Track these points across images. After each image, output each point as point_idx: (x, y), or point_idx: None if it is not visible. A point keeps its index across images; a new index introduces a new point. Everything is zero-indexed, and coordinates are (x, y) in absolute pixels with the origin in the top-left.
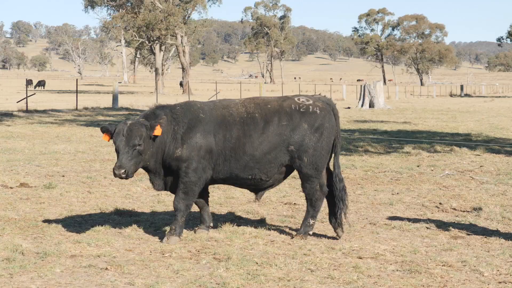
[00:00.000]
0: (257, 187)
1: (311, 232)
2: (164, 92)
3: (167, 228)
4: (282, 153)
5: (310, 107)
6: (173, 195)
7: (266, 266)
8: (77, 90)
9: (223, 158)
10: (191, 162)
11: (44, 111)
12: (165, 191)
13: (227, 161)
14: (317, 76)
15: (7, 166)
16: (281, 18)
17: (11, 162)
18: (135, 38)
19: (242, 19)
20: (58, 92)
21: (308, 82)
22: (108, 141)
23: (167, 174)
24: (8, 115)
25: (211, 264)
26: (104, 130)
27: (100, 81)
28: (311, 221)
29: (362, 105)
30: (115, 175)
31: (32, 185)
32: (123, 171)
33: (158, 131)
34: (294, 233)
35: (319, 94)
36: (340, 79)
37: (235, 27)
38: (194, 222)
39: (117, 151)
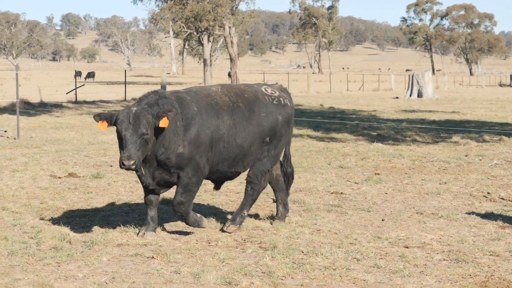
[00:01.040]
0: (228, 180)
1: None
2: (212, 83)
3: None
4: (259, 144)
5: (281, 99)
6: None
7: (312, 255)
8: (125, 81)
9: (217, 151)
10: (193, 160)
11: (93, 102)
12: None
13: (218, 155)
14: (365, 66)
15: (56, 157)
16: (329, 8)
17: (60, 153)
18: (183, 29)
19: (290, 9)
20: (107, 84)
21: (356, 72)
22: (105, 129)
23: (157, 169)
24: (58, 106)
25: (257, 253)
26: (103, 117)
27: (149, 72)
28: (246, 213)
29: (410, 95)
30: (122, 166)
31: (80, 175)
32: (132, 162)
33: (164, 122)
34: (339, 226)
35: (276, 83)
36: (389, 69)
37: (283, 18)
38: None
39: (122, 139)
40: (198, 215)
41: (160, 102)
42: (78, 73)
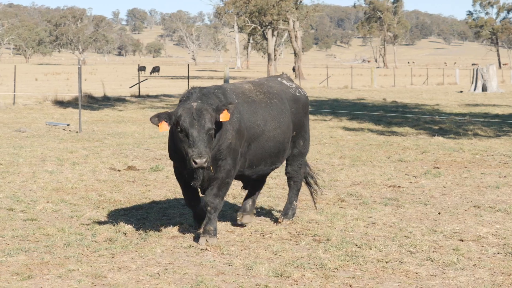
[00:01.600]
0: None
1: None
2: None
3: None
4: (291, 138)
5: (300, 91)
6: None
7: (365, 248)
8: (188, 75)
9: (259, 149)
10: (236, 151)
11: (155, 96)
12: None
13: (260, 153)
14: (431, 60)
15: (116, 150)
16: (394, 2)
17: (120, 146)
18: (247, 24)
19: (354, 3)
20: (171, 78)
21: (422, 67)
22: (167, 130)
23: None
24: (121, 100)
25: (310, 246)
26: (162, 118)
27: (214, 66)
28: (296, 203)
29: (474, 89)
30: (194, 165)
31: (139, 168)
32: (204, 159)
33: (225, 115)
34: (395, 219)
35: (282, 73)
36: (455, 63)
37: (348, 12)
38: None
39: (188, 137)
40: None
41: (214, 94)
42: (142, 68)
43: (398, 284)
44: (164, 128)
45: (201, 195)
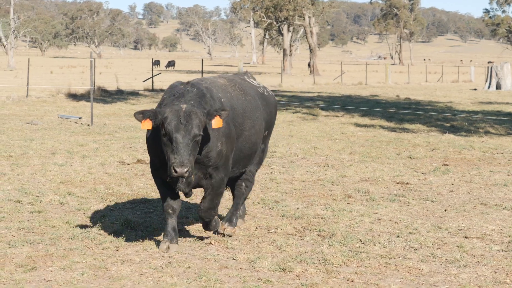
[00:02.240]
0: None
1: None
2: (291, 73)
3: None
4: (261, 140)
5: (268, 91)
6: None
7: (369, 244)
8: (202, 70)
9: (238, 151)
10: (228, 158)
11: None
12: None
13: (238, 154)
14: (447, 58)
15: (126, 143)
16: None
17: (131, 140)
18: (263, 19)
19: (371, 0)
20: (186, 72)
21: (437, 64)
22: (150, 128)
23: (193, 171)
24: (134, 94)
25: (315, 241)
26: (146, 115)
27: (229, 61)
28: (240, 212)
29: (488, 87)
30: (174, 173)
31: (148, 162)
32: (186, 169)
33: (217, 122)
34: (401, 216)
35: (246, 71)
36: (471, 61)
37: (365, 8)
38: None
39: (172, 142)
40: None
41: (205, 98)
42: (156, 62)
43: (400, 280)
44: (147, 126)
45: (184, 198)
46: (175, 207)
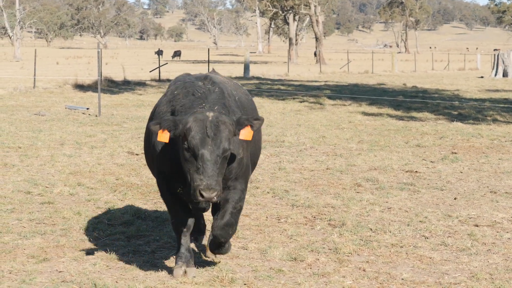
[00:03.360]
0: None
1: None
2: (297, 62)
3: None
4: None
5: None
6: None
7: (380, 233)
8: (208, 59)
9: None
10: (248, 169)
11: None
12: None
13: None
14: (452, 46)
15: (135, 134)
16: None
17: (139, 130)
18: (269, 8)
19: None
20: (192, 62)
21: (443, 52)
22: (167, 141)
23: None
24: (141, 84)
25: (325, 230)
26: (164, 126)
27: (235, 51)
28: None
29: (495, 75)
30: (200, 198)
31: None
32: (215, 193)
33: (247, 134)
34: (410, 204)
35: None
36: (477, 48)
37: None
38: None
39: (197, 159)
40: None
41: (225, 99)
42: (159, 52)
43: (411, 268)
44: (165, 138)
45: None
46: (189, 223)
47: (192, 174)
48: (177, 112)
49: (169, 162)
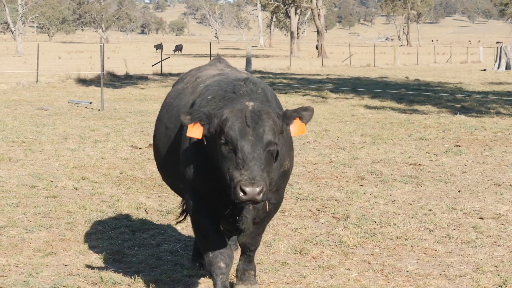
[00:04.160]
0: None
1: None
2: (299, 56)
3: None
4: None
5: None
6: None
7: (385, 225)
8: (210, 53)
9: None
10: (289, 176)
11: (178, 75)
12: None
13: None
14: (455, 39)
15: (138, 128)
16: None
17: (142, 124)
18: (270, 2)
19: None
20: (194, 56)
21: (446, 45)
22: (200, 137)
23: None
24: (143, 78)
25: (330, 223)
26: (196, 117)
27: (236, 45)
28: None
29: (498, 67)
30: (241, 196)
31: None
32: (259, 188)
33: (300, 128)
34: (414, 197)
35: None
36: (479, 41)
37: None
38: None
39: (236, 153)
40: None
41: (270, 104)
42: (159, 46)
43: (416, 261)
44: (197, 134)
45: None
46: (228, 260)
47: (231, 173)
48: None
49: (206, 176)
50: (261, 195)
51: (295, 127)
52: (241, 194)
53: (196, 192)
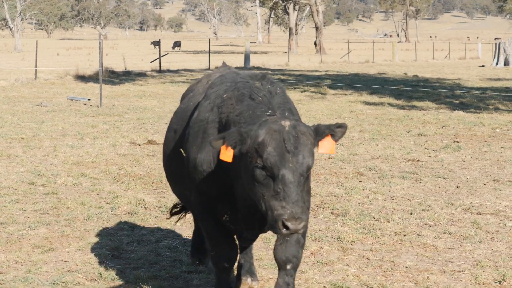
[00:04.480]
0: None
1: None
2: (298, 52)
3: None
4: None
5: None
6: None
7: (383, 221)
8: (209, 50)
9: None
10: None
11: (176, 71)
12: None
13: None
14: (453, 35)
15: (137, 124)
16: None
17: (141, 120)
18: None
19: None
20: (192, 53)
21: (444, 41)
22: (231, 160)
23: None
24: (142, 75)
25: (328, 219)
26: (230, 141)
27: (235, 41)
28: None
29: (496, 63)
30: (284, 231)
31: (159, 142)
32: (302, 224)
33: (330, 146)
34: (413, 193)
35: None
36: (477, 37)
37: None
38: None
39: (274, 180)
40: None
41: (291, 106)
42: (156, 43)
43: (415, 256)
44: (228, 157)
45: None
46: (233, 257)
47: (268, 201)
48: (232, 123)
49: (216, 182)
50: (302, 230)
51: (325, 145)
52: (284, 229)
53: (207, 198)
